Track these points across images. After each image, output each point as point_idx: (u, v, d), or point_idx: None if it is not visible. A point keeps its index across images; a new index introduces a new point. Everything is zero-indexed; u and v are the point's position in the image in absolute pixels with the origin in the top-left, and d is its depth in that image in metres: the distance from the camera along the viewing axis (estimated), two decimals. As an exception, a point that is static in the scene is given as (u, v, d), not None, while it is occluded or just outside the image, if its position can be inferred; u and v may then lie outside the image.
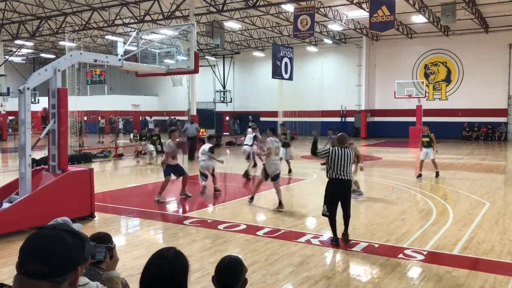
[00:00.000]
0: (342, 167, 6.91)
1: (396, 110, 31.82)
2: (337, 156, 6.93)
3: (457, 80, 31.30)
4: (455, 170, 15.56)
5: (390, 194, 11.34)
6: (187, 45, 11.18)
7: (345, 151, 6.99)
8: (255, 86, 38.21)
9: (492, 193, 11.24)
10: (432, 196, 10.88)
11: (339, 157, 6.92)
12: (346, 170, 6.95)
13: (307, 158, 20.01)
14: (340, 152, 6.94)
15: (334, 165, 6.95)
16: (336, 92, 34.62)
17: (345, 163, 6.92)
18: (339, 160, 6.91)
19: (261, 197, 10.99)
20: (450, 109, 30.95)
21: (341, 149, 7.00)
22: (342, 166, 6.91)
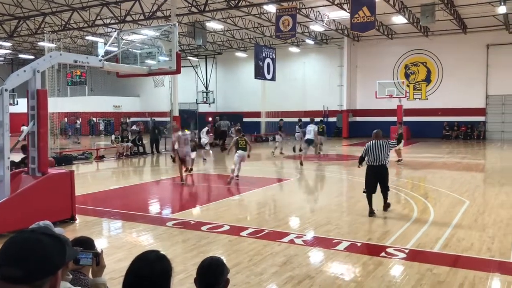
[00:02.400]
0: (378, 156, 8.75)
1: (377, 110, 32.12)
2: (373, 147, 8.80)
3: (437, 80, 31.78)
4: (435, 169, 15.79)
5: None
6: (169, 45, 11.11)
7: (380, 143, 8.84)
8: (238, 86, 38.19)
9: (471, 191, 11.43)
10: (413, 195, 11.02)
11: (375, 148, 8.79)
12: (382, 158, 8.76)
13: (291, 158, 20.09)
14: (376, 144, 8.81)
15: (371, 155, 8.80)
16: (318, 92, 34.82)
17: (381, 153, 8.74)
18: (375, 151, 8.76)
19: (245, 197, 11.00)
20: (430, 109, 31.39)
21: (377, 141, 8.86)
22: (378, 155, 8.75)
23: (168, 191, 12.91)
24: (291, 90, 34.99)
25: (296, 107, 34.37)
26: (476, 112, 30.47)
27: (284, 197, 11.34)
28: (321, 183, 13.92)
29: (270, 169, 17.28)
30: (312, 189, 12.60)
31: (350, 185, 13.24)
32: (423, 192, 11.59)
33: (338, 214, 9.11)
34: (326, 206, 9.86)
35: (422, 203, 9.94)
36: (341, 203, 10.61)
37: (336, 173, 15.88)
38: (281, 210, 9.67)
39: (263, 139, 30.93)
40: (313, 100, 34.76)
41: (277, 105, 33.83)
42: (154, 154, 22.02)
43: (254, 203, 10.41)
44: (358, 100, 34.44)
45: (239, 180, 13.40)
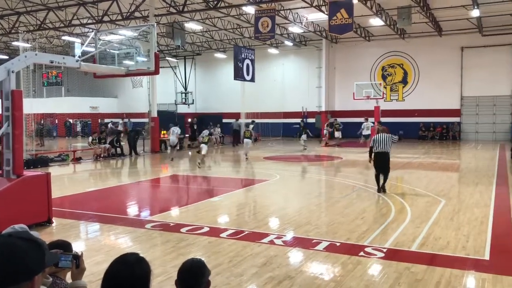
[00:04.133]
0: (383, 145, 11.28)
1: (355, 111, 32.41)
2: (380, 139, 11.36)
3: (413, 81, 32.30)
4: (412, 169, 16.04)
5: (350, 193, 11.57)
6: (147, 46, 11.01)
7: (385, 135, 11.40)
8: (217, 87, 38.10)
9: (447, 191, 11.65)
10: (391, 194, 11.17)
11: (381, 139, 11.33)
12: (386, 147, 11.28)
13: (270, 159, 20.14)
14: (383, 136, 11.37)
15: (378, 144, 11.33)
16: (297, 93, 35.01)
17: (385, 143, 11.30)
18: (381, 141, 11.31)
19: (225, 198, 10.97)
20: (407, 110, 31.88)
21: (383, 135, 11.43)
22: (383, 145, 11.28)
23: (146, 193, 12.79)
24: (271, 91, 35.10)
25: (275, 108, 34.53)
26: (451, 113, 31.08)
27: (264, 198, 11.36)
28: (300, 183, 13.99)
29: (250, 171, 17.28)
30: (292, 190, 12.65)
31: (329, 186, 13.35)
32: (400, 192, 11.76)
33: (317, 214, 9.17)
34: (306, 207, 9.91)
35: (399, 203, 10.09)
36: (320, 203, 10.68)
37: (315, 174, 15.98)
38: (261, 211, 9.68)
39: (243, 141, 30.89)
40: (292, 101, 34.95)
41: (256, 106, 33.85)
42: (133, 155, 21.79)
43: (234, 204, 10.39)
44: (337, 101, 34.75)
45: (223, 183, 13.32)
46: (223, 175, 15.62)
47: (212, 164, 19.98)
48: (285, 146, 26.81)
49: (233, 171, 16.84)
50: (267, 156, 21.34)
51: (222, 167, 18.39)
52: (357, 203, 10.11)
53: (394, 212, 9.16)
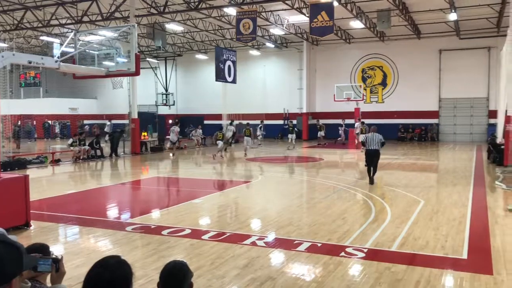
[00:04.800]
0: (373, 143, 12.74)
1: (335, 113, 32.68)
2: (371, 137, 12.85)
3: (393, 83, 32.71)
4: (392, 170, 16.24)
5: (331, 194, 11.65)
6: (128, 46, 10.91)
7: (376, 135, 12.82)
8: (198, 88, 37.98)
9: (426, 191, 11.83)
10: (371, 195, 11.28)
11: (372, 138, 12.81)
12: (375, 145, 12.71)
13: (252, 161, 20.16)
14: (373, 136, 12.85)
15: (369, 142, 12.83)
16: (279, 95, 35.14)
17: (375, 141, 12.72)
18: (372, 140, 12.78)
19: (207, 200, 10.93)
20: (386, 111, 32.25)
21: (373, 134, 12.91)
22: (373, 143, 12.74)
23: (127, 195, 12.66)
24: (252, 93, 35.16)
25: (257, 109, 34.59)
26: (430, 114, 31.58)
27: (246, 200, 11.36)
28: (282, 184, 14.03)
29: (232, 172, 17.26)
30: (274, 191, 12.68)
31: (311, 187, 13.42)
32: (380, 192, 11.89)
33: (299, 215, 9.20)
34: (288, 208, 9.94)
35: (379, 203, 10.19)
36: (302, 204, 10.73)
37: (297, 175, 16.05)
38: (243, 213, 9.67)
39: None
40: (273, 103, 35.07)
41: (238, 108, 33.86)
42: (113, 157, 21.54)
43: (215, 206, 10.37)
44: (318, 103, 34.98)
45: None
46: (205, 176, 15.56)
47: (194, 165, 19.89)
48: (267, 148, 26.85)
49: (215, 173, 16.79)
50: (250, 157, 21.34)
51: (204, 169, 18.33)
52: (338, 204, 10.18)
53: (374, 212, 9.25)
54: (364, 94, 32.10)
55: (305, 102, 33.88)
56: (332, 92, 30.70)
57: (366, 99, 32.81)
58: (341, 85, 30.98)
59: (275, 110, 34.96)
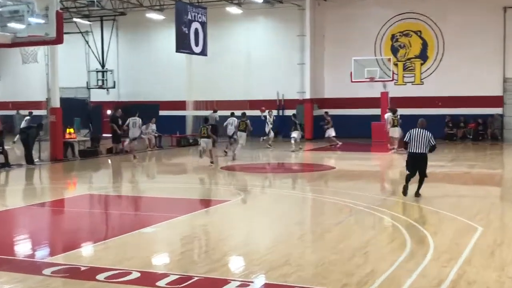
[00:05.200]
0: (419, 145, 12.99)
1: (353, 100, 32.73)
2: (415, 135, 13.08)
3: (436, 56, 32.76)
4: (435, 183, 16.30)
5: (347, 218, 11.65)
6: (45, 1, 10.82)
7: (423, 132, 13.03)
8: (151, 64, 37.75)
9: (485, 214, 11.87)
10: (405, 219, 11.31)
11: (417, 136, 13.04)
12: (423, 147, 12.97)
13: (231, 170, 20.10)
14: (419, 133, 13.06)
15: (412, 143, 13.08)
16: (270, 73, 35.00)
17: (422, 142, 12.95)
18: (417, 139, 13.01)
19: (165, 228, 10.87)
20: (427, 97, 32.22)
21: (420, 130, 13.09)
22: (419, 144, 12.99)
23: (45, 223, 12.54)
24: (231, 71, 35.05)
25: (237, 95, 34.41)
26: (490, 101, 31.49)
27: (222, 228, 11.32)
28: (275, 205, 14.00)
29: (201, 186, 17.20)
30: (263, 214, 12.65)
31: (317, 208, 13.43)
32: (418, 215, 11.92)
33: (300, 250, 9.19)
34: (283, 239, 9.92)
35: (417, 232, 10.22)
36: (304, 233, 10.72)
37: (296, 190, 16.04)
38: (217, 247, 9.63)
39: (191, 142, 30.77)
40: (262, 85, 34.95)
41: (210, 92, 33.78)
42: (24, 165, 21.24)
43: (177, 237, 10.31)
44: (327, 85, 35.02)
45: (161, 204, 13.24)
46: (162, 193, 15.48)
47: (145, 177, 19.78)
48: (252, 150, 26.85)
49: (176, 188, 16.72)
50: (227, 165, 21.28)
51: (160, 182, 18.19)
52: (357, 233, 10.19)
53: (410, 244, 9.28)
54: (394, 72, 32.23)
55: (309, 83, 33.89)
56: (348, 69, 30.75)
57: (398, 79, 32.96)
58: (361, 58, 31.03)
59: (265, 95, 34.83)
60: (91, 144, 25.92)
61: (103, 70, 36.92)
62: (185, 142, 30.59)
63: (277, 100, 35.12)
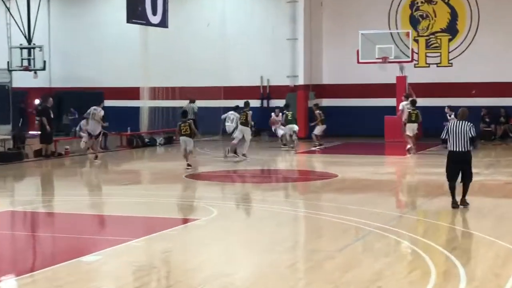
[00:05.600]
0: (459, 140, 13.66)
1: (360, 87, 32.84)
2: (454, 129, 13.81)
3: (469, 30, 32.98)
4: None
5: (353, 242, 11.68)
6: None
7: (464, 124, 13.69)
8: (93, 39, 37.68)
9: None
10: (429, 243, 11.35)
11: (456, 129, 13.73)
12: (463, 143, 13.65)
13: (200, 179, 20.09)
14: (459, 125, 13.76)
15: (451, 138, 13.83)
16: (251, 52, 35.10)
17: (462, 136, 13.62)
18: (456, 133, 13.68)
19: (112, 256, 10.83)
20: (456, 84, 32.47)
21: (460, 122, 13.79)
22: (459, 139, 13.66)
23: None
24: (199, 49, 35.00)
25: (209, 80, 34.33)
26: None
27: (189, 254, 11.29)
28: (258, 224, 14.00)
29: (163, 200, 17.15)
30: (243, 237, 12.63)
31: (314, 228, 13.44)
32: (446, 238, 11.97)
33: (291, 283, 9.19)
34: (269, 270, 9.93)
35: (444, 259, 10.27)
36: (297, 262, 10.71)
37: (286, 206, 16.05)
38: (183, 280, 9.63)
39: (147, 142, 30.66)
40: (241, 68, 35.04)
41: (172, 77, 33.64)
42: None
43: (129, 269, 10.27)
44: (326, 68, 35.12)
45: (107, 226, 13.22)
46: (109, 210, 15.43)
47: (87, 189, 19.69)
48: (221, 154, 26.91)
49: (128, 203, 16.68)
50: (194, 173, 21.25)
51: (107, 195, 18.12)
52: (365, 261, 10.21)
53: (435, 276, 9.33)
54: (414, 49, 32.31)
55: (302, 65, 33.99)
56: (354, 46, 30.83)
57: (419, 59, 33.09)
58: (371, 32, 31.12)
59: (245, 81, 34.86)
60: (13, 144, 25.78)
61: (29, 47, 36.59)
62: (139, 142, 30.48)
63: (261, 87, 35.12)
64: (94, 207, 16.10)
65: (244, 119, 23.89)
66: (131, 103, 34.60)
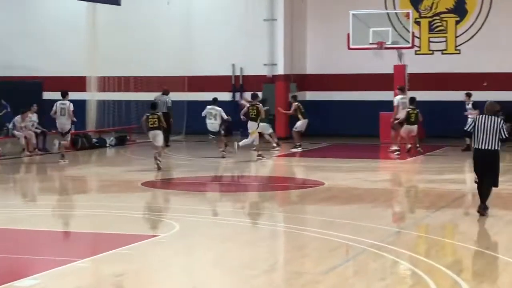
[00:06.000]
0: (487, 137, 14.45)
1: (351, 77, 33.00)
2: (482, 124, 14.59)
3: (479, 12, 33.22)
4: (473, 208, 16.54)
5: (343, 262, 11.73)
6: None
7: (493, 119, 14.58)
8: (29, 21, 37.59)
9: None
10: (432, 264, 11.44)
11: (484, 125, 14.53)
12: (492, 140, 14.43)
13: (159, 188, 20.09)
14: (488, 120, 14.58)
15: (478, 134, 14.57)
16: (221, 36, 35.28)
17: (491, 133, 14.40)
18: (484, 129, 14.45)
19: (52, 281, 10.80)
20: (465, 74, 32.75)
21: (489, 117, 14.65)
22: (487, 136, 14.44)
23: None
24: (159, 32, 35.03)
25: (170, 69, 34.37)
26: None
27: (145, 279, 11.29)
28: (229, 243, 14.03)
29: (114, 213, 17.14)
30: (210, 258, 12.66)
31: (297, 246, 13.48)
32: (453, 257, 12.06)
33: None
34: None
35: (450, 284, 10.35)
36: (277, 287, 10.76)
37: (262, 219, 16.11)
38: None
39: (95, 143, 30.62)
40: (208, 54, 35.17)
41: (125, 65, 33.61)
42: None
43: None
44: (311, 55, 35.26)
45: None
46: (49, 225, 15.39)
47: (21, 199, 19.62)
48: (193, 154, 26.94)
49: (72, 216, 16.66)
50: (152, 180, 21.25)
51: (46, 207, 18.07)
52: (357, 286, 10.27)
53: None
54: (415, 33, 32.48)
55: (282, 51, 34.14)
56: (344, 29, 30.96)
57: (421, 45, 33.29)
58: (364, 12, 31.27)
59: (213, 70, 34.90)
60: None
61: None
62: (85, 143, 30.37)
63: (232, 77, 35.19)
64: (31, 221, 15.98)
65: (255, 114, 24.60)
66: (76, 95, 34.28)
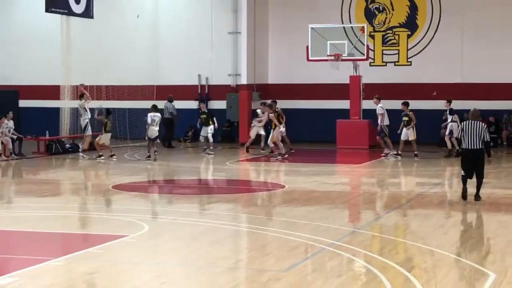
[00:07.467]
0: (474, 139, 16.21)
1: (310, 87, 32.97)
2: (468, 128, 16.37)
3: (429, 26, 33.35)
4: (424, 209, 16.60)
5: (302, 261, 11.69)
6: None
7: (477, 124, 16.39)
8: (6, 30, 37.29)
9: (499, 254, 12.10)
10: (385, 261, 11.43)
11: (470, 129, 16.30)
12: (478, 141, 16.21)
13: (128, 190, 19.98)
14: (472, 125, 16.39)
15: (466, 137, 16.37)
16: (187, 48, 35.16)
17: (476, 135, 16.17)
18: (471, 132, 16.24)
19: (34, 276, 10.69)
20: (416, 85, 32.83)
21: (473, 122, 16.46)
22: (474, 138, 16.22)
23: None
24: (129, 42, 34.92)
25: (139, 78, 34.23)
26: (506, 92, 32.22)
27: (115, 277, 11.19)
28: (194, 242, 13.96)
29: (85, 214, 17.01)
30: (177, 257, 12.60)
31: (258, 246, 13.44)
32: (405, 256, 12.07)
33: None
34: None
35: (402, 280, 10.35)
36: (237, 284, 10.67)
37: (226, 220, 16.05)
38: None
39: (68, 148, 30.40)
40: (175, 65, 35.07)
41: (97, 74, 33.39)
42: None
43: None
44: (272, 66, 35.24)
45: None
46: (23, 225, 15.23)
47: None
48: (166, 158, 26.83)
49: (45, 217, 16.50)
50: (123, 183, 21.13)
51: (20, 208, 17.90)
52: (315, 283, 10.23)
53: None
54: (369, 46, 32.56)
55: (245, 62, 34.07)
56: (303, 41, 30.97)
57: (375, 57, 33.37)
58: (322, 26, 31.31)
59: (180, 80, 34.77)
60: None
61: None
62: (59, 148, 30.17)
63: (199, 86, 35.10)
64: (6, 222, 15.84)
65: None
66: (50, 103, 34.26)
